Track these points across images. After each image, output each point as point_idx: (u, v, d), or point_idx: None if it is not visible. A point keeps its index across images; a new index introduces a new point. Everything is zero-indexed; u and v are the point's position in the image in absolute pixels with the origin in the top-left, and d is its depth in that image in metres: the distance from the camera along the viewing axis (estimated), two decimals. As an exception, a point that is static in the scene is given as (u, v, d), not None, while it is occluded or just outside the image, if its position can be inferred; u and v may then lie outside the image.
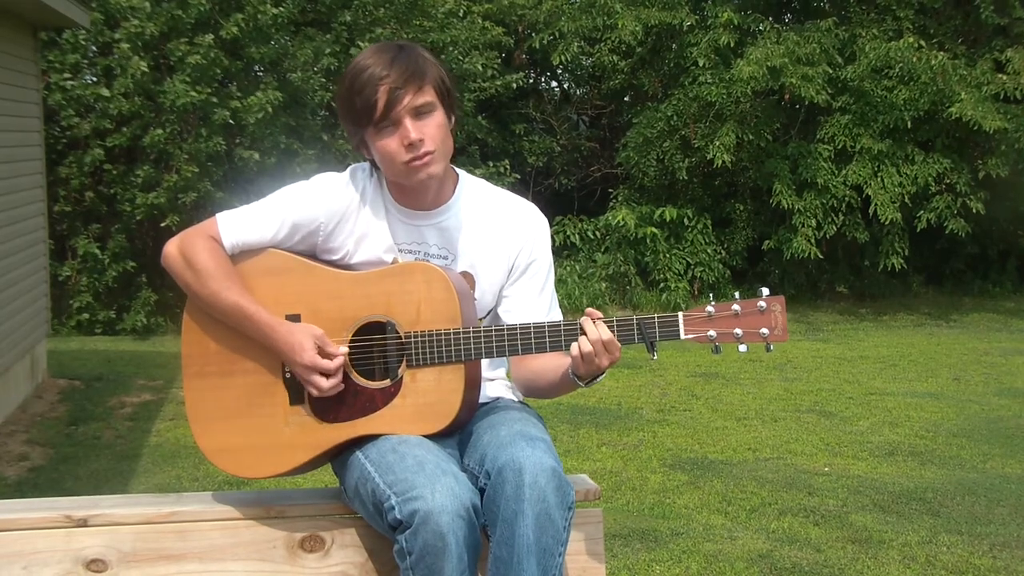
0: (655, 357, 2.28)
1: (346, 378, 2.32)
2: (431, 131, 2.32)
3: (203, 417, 2.40)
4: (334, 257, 2.43)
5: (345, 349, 2.31)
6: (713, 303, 2.28)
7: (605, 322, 2.27)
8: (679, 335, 2.26)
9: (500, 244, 2.47)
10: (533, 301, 2.48)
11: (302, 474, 2.47)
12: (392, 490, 2.14)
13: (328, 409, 2.33)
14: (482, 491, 2.22)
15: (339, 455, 2.39)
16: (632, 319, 2.27)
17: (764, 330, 2.26)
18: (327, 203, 2.40)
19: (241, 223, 2.38)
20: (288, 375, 2.35)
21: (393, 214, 2.44)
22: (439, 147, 2.34)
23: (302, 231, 2.39)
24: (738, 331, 2.27)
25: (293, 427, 2.35)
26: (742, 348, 2.28)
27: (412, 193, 2.42)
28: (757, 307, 2.27)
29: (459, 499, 2.11)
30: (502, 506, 2.16)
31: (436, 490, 2.10)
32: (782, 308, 2.27)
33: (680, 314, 2.26)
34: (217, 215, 2.40)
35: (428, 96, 2.32)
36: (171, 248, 2.38)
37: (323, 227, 2.40)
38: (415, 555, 2.11)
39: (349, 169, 2.48)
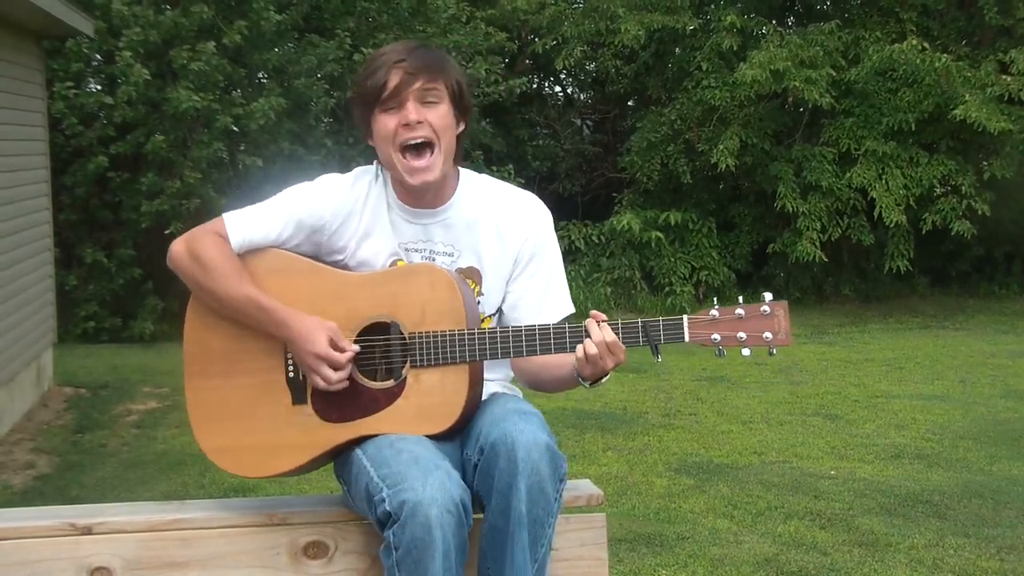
0: (659, 359, 2.32)
1: (349, 378, 2.33)
2: (433, 118, 2.34)
3: (205, 417, 2.41)
4: (338, 257, 2.44)
5: (356, 347, 2.31)
6: (717, 307, 2.31)
7: (610, 324, 2.28)
8: (684, 338, 2.28)
9: (504, 237, 2.48)
10: (540, 293, 2.49)
11: (303, 474, 2.47)
12: (385, 482, 2.15)
13: (331, 409, 2.34)
14: (475, 466, 2.24)
15: (340, 455, 2.39)
16: (637, 322, 2.30)
17: (767, 334, 2.30)
18: (332, 201, 2.42)
19: (247, 222, 2.39)
20: (291, 374, 2.36)
21: (397, 213, 2.45)
22: (439, 137, 2.35)
23: (307, 229, 2.41)
24: (742, 335, 2.30)
25: (295, 427, 2.36)
26: (745, 352, 2.31)
27: (414, 192, 2.43)
28: (760, 311, 2.31)
29: (449, 493, 2.12)
30: (496, 477, 2.19)
31: (427, 483, 2.11)
32: (785, 313, 2.31)
33: (685, 317, 2.30)
34: (223, 215, 2.41)
35: (439, 87, 2.35)
36: (178, 247, 2.39)
37: (328, 225, 2.41)
38: (402, 549, 2.11)
39: (354, 170, 2.50)
